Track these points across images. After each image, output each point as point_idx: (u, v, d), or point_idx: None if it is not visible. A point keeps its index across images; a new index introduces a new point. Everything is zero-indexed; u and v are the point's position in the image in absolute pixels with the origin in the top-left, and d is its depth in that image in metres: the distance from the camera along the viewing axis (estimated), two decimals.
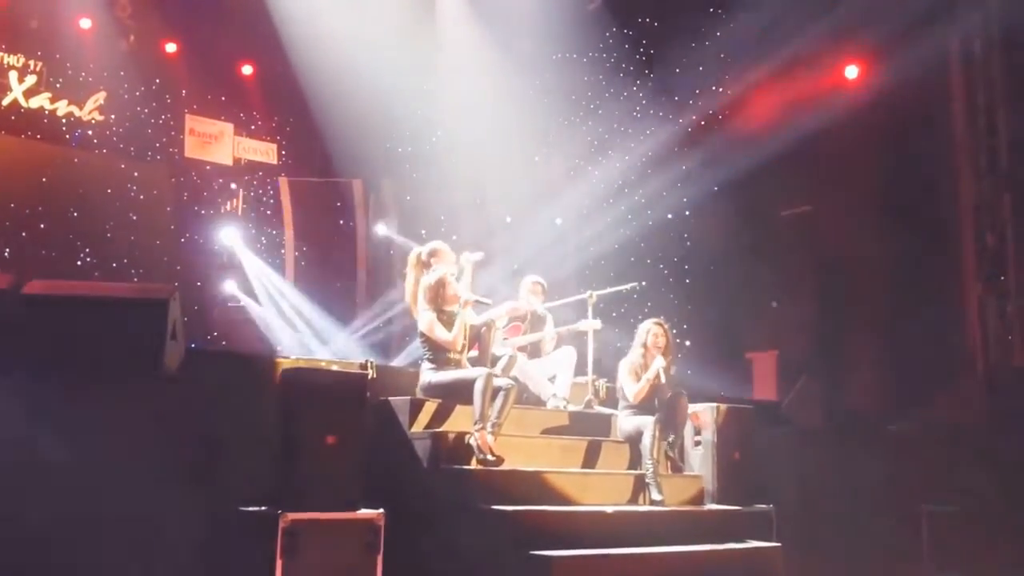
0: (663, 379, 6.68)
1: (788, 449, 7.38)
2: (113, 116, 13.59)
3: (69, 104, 13.28)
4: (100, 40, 13.28)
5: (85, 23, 13.12)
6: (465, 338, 6.43)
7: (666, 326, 6.87)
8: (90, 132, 13.52)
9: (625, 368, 6.84)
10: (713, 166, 12.08)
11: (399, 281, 14.22)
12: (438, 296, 6.35)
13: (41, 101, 13.07)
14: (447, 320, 6.32)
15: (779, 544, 6.34)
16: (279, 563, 4.68)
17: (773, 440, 7.28)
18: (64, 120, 13.28)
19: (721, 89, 12.33)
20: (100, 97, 13.48)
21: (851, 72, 11.88)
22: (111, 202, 13.43)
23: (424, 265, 6.63)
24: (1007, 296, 11.04)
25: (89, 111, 13.43)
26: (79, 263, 12.72)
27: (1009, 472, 8.77)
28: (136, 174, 13.85)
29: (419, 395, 6.29)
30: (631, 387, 6.75)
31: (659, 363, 6.68)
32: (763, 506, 6.62)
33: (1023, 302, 10.93)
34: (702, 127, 12.58)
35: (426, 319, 6.33)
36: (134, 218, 13.60)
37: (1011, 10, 10.85)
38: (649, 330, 6.81)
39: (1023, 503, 8.53)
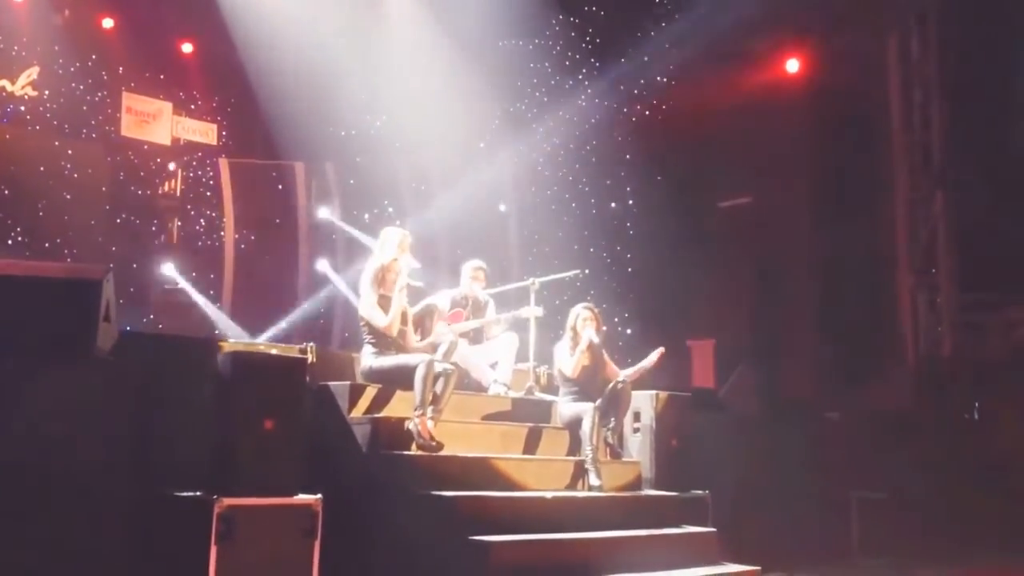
0: (595, 340, 6.80)
1: (724, 436, 7.49)
2: (47, 92, 13.20)
3: (0, 79, 12.88)
4: (33, 13, 12.87)
5: None
6: (406, 324, 6.42)
7: (595, 309, 7.00)
8: (23, 108, 13.12)
9: (558, 352, 6.94)
10: (655, 156, 12.20)
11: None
12: (381, 279, 6.31)
13: None
14: (385, 305, 6.28)
15: (714, 529, 6.45)
16: (213, 549, 4.61)
17: (710, 427, 7.38)
18: None
19: (665, 80, 12.44)
20: (33, 72, 13.07)
21: (792, 66, 12.07)
22: (44, 180, 13.04)
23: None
24: (937, 289, 11.36)
25: (22, 86, 13.03)
26: (10, 242, 12.35)
27: (937, 460, 9.04)
28: (70, 152, 13.48)
29: (360, 380, 6.25)
30: (567, 363, 6.83)
31: (588, 334, 6.80)
32: (699, 492, 6.73)
33: (953, 295, 11.25)
34: (646, 117, 12.70)
35: (367, 302, 6.30)
36: (68, 197, 13.23)
37: (947, 9, 11.13)
38: (579, 314, 6.93)
39: (951, 491, 8.80)
